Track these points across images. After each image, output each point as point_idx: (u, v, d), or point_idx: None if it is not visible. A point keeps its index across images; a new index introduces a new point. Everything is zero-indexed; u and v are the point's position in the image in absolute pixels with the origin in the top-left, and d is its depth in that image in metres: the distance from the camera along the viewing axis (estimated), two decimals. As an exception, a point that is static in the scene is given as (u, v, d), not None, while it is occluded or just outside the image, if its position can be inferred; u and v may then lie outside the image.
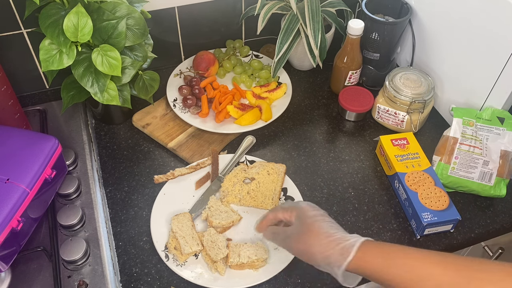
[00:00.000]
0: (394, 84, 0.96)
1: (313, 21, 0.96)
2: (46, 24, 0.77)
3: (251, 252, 0.75)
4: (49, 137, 0.77)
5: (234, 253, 0.75)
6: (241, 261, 0.74)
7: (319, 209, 0.67)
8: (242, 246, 0.76)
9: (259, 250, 0.76)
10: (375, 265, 0.56)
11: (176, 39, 1.09)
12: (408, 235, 0.82)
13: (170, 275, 0.76)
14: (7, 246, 0.67)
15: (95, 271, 0.74)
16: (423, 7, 1.00)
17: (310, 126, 1.01)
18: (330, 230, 0.62)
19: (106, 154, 0.94)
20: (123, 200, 0.86)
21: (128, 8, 0.82)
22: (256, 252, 0.75)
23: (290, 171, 0.92)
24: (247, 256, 0.74)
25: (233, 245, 0.76)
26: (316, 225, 0.63)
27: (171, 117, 1.00)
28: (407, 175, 0.85)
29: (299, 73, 1.14)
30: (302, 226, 0.64)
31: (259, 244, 0.77)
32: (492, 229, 0.84)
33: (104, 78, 0.81)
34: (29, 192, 0.70)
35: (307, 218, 0.64)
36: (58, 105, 1.01)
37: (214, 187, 0.87)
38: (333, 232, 0.61)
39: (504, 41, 0.81)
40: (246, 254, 0.75)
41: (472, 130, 0.88)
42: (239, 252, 0.75)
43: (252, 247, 0.76)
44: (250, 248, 0.76)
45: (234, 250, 0.76)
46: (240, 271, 0.76)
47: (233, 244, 0.77)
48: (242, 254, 0.75)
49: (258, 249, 0.76)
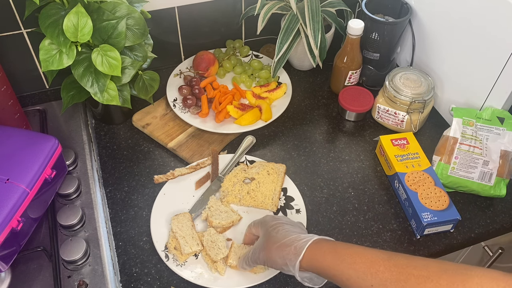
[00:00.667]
0: (394, 84, 0.96)
1: (313, 21, 0.96)
2: (46, 24, 0.77)
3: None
4: (49, 137, 0.77)
5: (235, 254, 0.75)
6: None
7: (281, 218, 0.70)
8: (245, 248, 0.75)
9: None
10: (325, 262, 0.59)
11: (176, 39, 1.09)
12: (408, 235, 0.82)
13: (170, 275, 0.76)
14: (7, 246, 0.67)
15: (95, 271, 0.74)
16: (423, 7, 1.00)
17: (310, 126, 1.01)
18: (286, 233, 0.65)
19: (106, 154, 0.94)
20: (123, 200, 0.86)
21: (128, 8, 0.82)
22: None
23: (290, 171, 0.92)
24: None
25: (236, 246, 0.76)
26: (275, 231, 0.67)
27: (171, 117, 1.00)
28: (407, 175, 0.85)
29: (299, 73, 1.14)
30: (264, 236, 0.68)
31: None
32: (492, 229, 0.84)
33: (104, 78, 0.81)
34: (29, 192, 0.70)
35: (268, 227, 0.69)
36: (58, 105, 1.01)
37: (214, 187, 0.87)
38: (288, 234, 0.65)
39: (504, 41, 0.81)
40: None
41: (472, 130, 0.88)
42: (240, 255, 0.74)
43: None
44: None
45: (236, 251, 0.75)
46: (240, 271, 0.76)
47: (236, 245, 0.76)
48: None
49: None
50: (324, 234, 0.82)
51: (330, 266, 0.59)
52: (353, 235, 0.82)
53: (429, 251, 0.80)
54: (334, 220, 0.84)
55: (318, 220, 0.84)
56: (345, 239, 0.81)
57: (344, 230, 0.83)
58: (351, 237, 0.82)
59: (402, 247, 0.80)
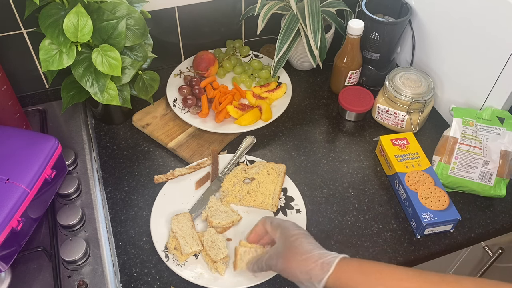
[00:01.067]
0: (394, 84, 0.96)
1: (313, 21, 0.96)
2: (46, 24, 0.77)
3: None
4: (49, 137, 0.77)
5: (242, 261, 0.72)
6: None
7: (302, 228, 0.69)
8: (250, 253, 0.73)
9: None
10: (353, 281, 0.59)
11: (176, 39, 1.09)
12: (408, 235, 0.82)
13: (170, 275, 0.76)
14: (7, 246, 0.67)
15: (95, 271, 0.74)
16: (423, 7, 1.00)
17: (310, 126, 1.01)
18: (311, 247, 0.64)
19: (106, 154, 0.94)
20: (123, 200, 0.86)
21: (128, 8, 0.82)
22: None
23: (290, 171, 0.92)
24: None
25: (242, 252, 0.73)
26: (298, 242, 0.65)
27: (171, 117, 1.00)
28: (407, 175, 0.85)
29: (299, 73, 1.14)
30: (284, 244, 0.66)
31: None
32: (492, 229, 0.84)
33: (104, 78, 0.81)
34: (29, 192, 0.70)
35: (290, 236, 0.66)
36: (58, 105, 1.01)
37: (214, 187, 0.87)
38: (313, 249, 0.64)
39: (504, 41, 0.81)
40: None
41: (472, 130, 0.88)
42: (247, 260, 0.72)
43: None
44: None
45: (243, 258, 0.72)
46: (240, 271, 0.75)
47: (242, 250, 0.73)
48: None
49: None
50: (324, 234, 0.82)
51: (357, 285, 0.58)
52: (353, 235, 0.82)
53: (429, 251, 0.80)
54: (334, 220, 0.84)
55: (318, 220, 0.84)
56: (345, 239, 0.81)
57: (344, 230, 0.83)
58: (351, 237, 0.82)
59: (402, 247, 0.80)
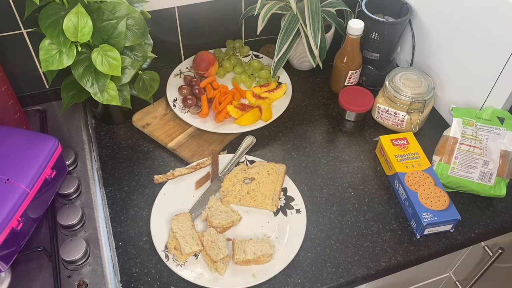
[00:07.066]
0: (394, 84, 0.96)
1: (313, 21, 0.96)
2: (46, 24, 0.77)
3: (257, 248, 0.75)
4: (49, 137, 0.77)
5: (240, 249, 0.75)
6: (247, 258, 0.74)
7: None
8: (248, 242, 0.77)
9: (264, 245, 0.76)
10: None
11: (176, 39, 1.09)
12: (408, 235, 0.82)
13: (170, 275, 0.76)
14: (7, 246, 0.67)
15: (95, 271, 0.74)
16: (423, 7, 1.00)
17: (310, 126, 1.01)
18: None
19: (106, 154, 0.94)
20: (123, 200, 0.86)
21: (128, 8, 0.82)
22: (261, 248, 0.75)
23: (290, 171, 0.92)
24: (253, 253, 0.75)
25: (239, 242, 0.77)
26: None
27: (171, 117, 1.00)
28: (407, 175, 0.85)
29: (299, 73, 1.14)
30: None
31: (264, 240, 0.77)
32: (492, 229, 0.84)
33: (104, 78, 0.81)
34: (29, 192, 0.70)
35: None
36: (58, 105, 1.01)
37: (214, 187, 0.87)
38: None
39: (504, 41, 0.81)
40: (251, 251, 0.75)
41: (472, 130, 0.88)
42: (244, 248, 0.76)
43: (257, 243, 0.76)
44: (255, 244, 0.76)
45: (240, 246, 0.76)
46: (240, 270, 0.76)
47: (239, 240, 0.77)
48: (248, 251, 0.75)
49: (263, 245, 0.76)
50: (324, 234, 0.82)
51: None
52: (353, 235, 0.82)
53: (429, 251, 0.80)
54: (334, 220, 0.84)
55: (318, 220, 0.84)
56: (345, 239, 0.81)
57: (344, 230, 0.83)
58: (351, 237, 0.82)
59: (402, 247, 0.80)
